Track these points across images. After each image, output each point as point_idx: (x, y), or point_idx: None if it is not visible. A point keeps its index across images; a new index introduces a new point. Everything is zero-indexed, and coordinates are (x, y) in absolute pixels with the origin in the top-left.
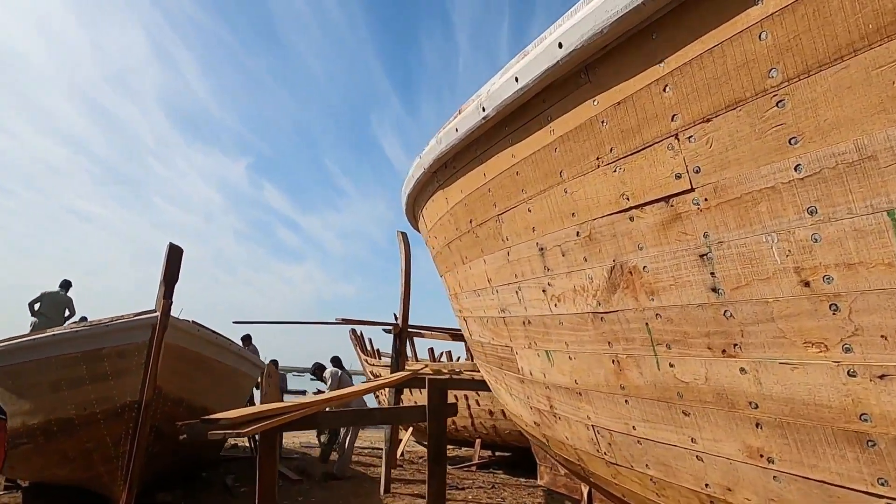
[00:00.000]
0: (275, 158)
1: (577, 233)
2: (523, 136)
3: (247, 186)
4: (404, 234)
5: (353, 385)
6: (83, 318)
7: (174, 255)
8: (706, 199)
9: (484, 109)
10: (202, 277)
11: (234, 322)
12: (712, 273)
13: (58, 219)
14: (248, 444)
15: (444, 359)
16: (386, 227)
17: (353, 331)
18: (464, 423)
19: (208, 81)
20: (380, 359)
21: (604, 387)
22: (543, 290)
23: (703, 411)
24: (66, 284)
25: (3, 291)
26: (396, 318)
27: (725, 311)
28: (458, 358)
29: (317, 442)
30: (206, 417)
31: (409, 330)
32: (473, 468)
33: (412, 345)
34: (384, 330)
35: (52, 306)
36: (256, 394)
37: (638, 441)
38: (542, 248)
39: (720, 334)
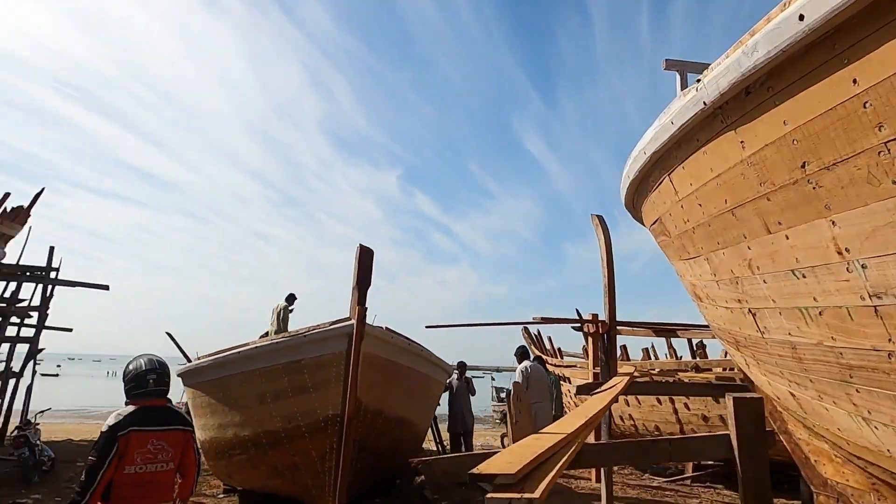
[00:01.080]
0: (422, 167)
1: None
2: None
3: (399, 196)
4: (601, 218)
5: (546, 384)
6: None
7: (365, 258)
8: None
9: None
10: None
11: (426, 327)
12: None
13: (245, 241)
14: (436, 448)
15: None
16: (532, 224)
17: (526, 329)
18: (671, 430)
19: (358, 102)
20: (562, 358)
21: None
22: None
23: None
24: (289, 297)
25: (209, 306)
26: (580, 315)
27: None
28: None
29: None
30: (474, 472)
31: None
32: (688, 482)
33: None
34: (573, 328)
35: (280, 316)
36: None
37: None
38: None
39: None
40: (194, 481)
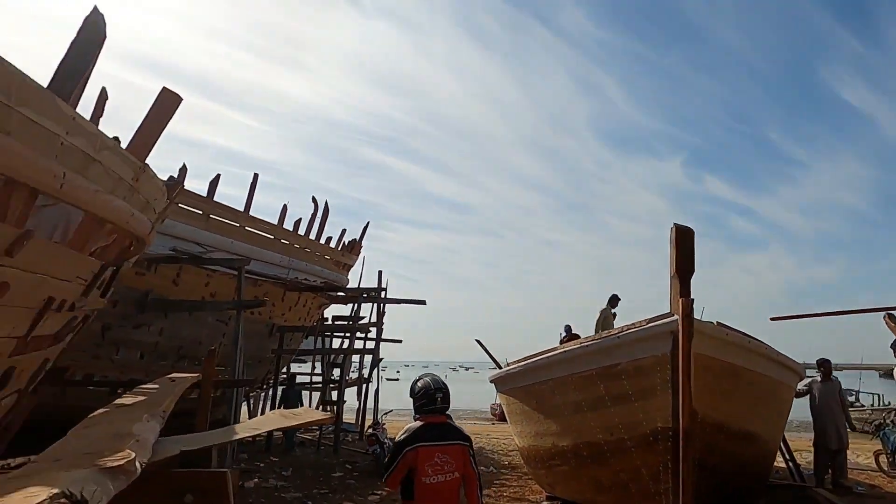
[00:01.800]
0: (708, 148)
1: None
2: None
3: (685, 183)
4: None
5: None
6: (567, 328)
7: (684, 240)
8: None
9: None
10: (659, 285)
11: (771, 319)
12: None
13: (533, 249)
14: (787, 467)
15: None
16: (861, 189)
17: (891, 315)
18: None
19: (627, 95)
20: None
21: None
22: None
23: None
24: (611, 299)
25: (507, 314)
26: None
27: None
28: None
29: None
30: None
31: None
32: None
33: None
34: None
35: (601, 321)
36: None
37: None
38: None
39: None
40: (478, 491)
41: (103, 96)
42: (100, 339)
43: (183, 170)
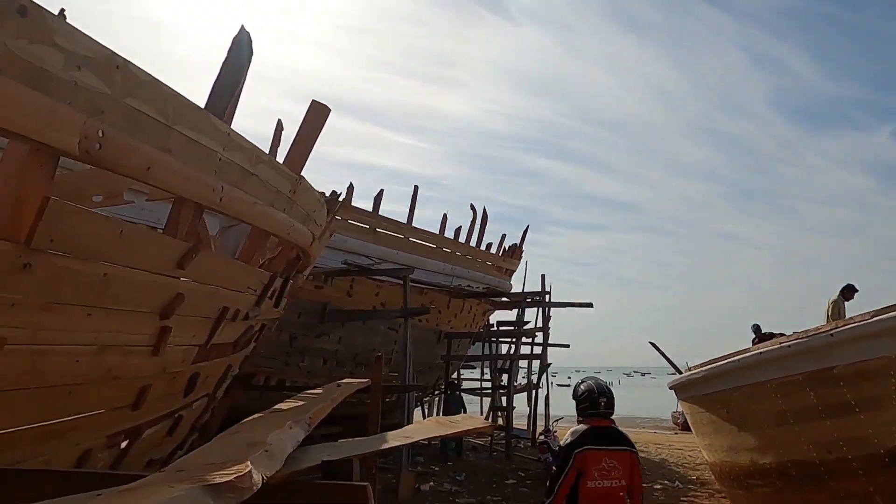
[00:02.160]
0: None
1: None
2: None
3: None
4: None
5: None
6: (755, 327)
7: None
8: None
9: None
10: (872, 272)
11: None
12: None
13: (709, 244)
14: None
15: None
16: None
17: None
18: None
19: (814, 64)
20: None
21: None
22: None
23: None
24: (845, 289)
25: (682, 315)
26: None
27: None
28: None
29: None
30: None
31: None
32: None
33: None
34: None
35: (834, 314)
36: None
37: None
38: None
39: None
40: (642, 501)
41: (279, 128)
42: (288, 347)
43: (350, 188)
